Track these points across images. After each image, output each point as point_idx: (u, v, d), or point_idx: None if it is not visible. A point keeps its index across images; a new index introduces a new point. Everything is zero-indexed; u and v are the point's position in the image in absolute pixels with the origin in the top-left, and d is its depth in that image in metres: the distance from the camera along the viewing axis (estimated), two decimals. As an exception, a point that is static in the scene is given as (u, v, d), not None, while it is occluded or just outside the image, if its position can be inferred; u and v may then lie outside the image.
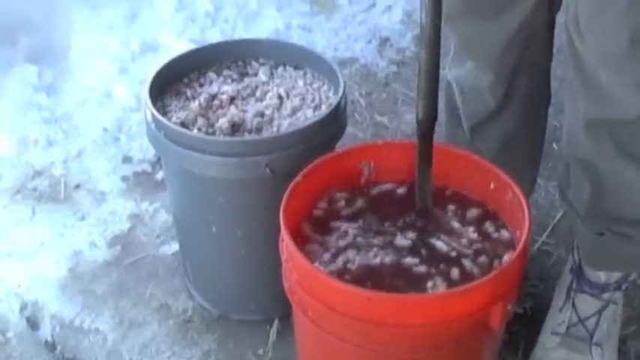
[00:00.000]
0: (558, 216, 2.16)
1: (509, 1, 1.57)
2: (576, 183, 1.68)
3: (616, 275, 1.76)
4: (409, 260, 1.41)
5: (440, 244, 1.44)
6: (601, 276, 1.77)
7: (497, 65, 1.67)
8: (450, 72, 1.80)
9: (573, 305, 1.78)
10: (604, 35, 1.42)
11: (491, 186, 1.50)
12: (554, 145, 2.33)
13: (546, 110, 1.86)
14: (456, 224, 1.49)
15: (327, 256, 1.42)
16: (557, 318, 1.80)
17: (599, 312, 1.77)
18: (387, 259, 1.41)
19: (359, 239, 1.45)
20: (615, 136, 1.54)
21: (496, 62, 1.66)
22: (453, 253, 1.43)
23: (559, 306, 1.81)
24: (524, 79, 1.71)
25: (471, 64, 1.70)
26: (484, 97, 1.72)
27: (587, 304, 1.77)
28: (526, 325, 1.84)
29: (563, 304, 1.80)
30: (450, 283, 1.38)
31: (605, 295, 1.77)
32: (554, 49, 1.75)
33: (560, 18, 1.64)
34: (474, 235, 1.47)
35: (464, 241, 1.45)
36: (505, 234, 1.47)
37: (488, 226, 1.49)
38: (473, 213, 1.51)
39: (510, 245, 1.45)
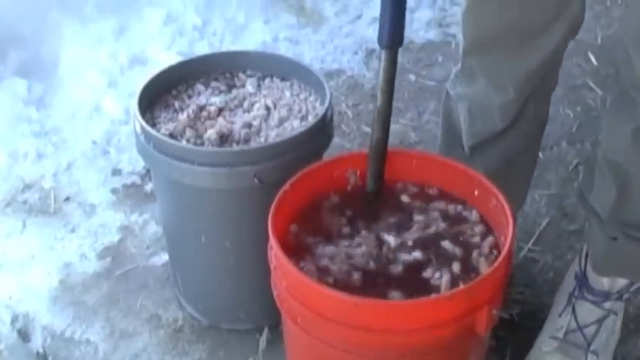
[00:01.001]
0: (544, 223, 2.18)
1: (539, 32, 1.58)
2: (602, 186, 1.69)
3: (619, 284, 1.78)
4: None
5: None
6: (604, 284, 1.78)
7: (517, 89, 1.66)
8: (453, 89, 1.77)
9: (573, 311, 1.80)
10: None
11: (476, 193, 1.52)
12: (540, 154, 2.35)
13: (543, 131, 1.88)
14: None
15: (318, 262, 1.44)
16: (556, 323, 1.81)
17: (600, 321, 1.78)
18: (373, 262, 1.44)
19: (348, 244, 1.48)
20: None
21: (517, 87, 1.66)
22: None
23: (559, 311, 1.82)
24: (533, 104, 1.72)
25: (483, 83, 1.68)
26: (492, 117, 1.71)
27: (587, 311, 1.79)
28: (513, 331, 1.86)
29: (563, 309, 1.82)
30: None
31: (607, 305, 1.79)
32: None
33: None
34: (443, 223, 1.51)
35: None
36: (475, 214, 1.51)
37: (455, 207, 1.53)
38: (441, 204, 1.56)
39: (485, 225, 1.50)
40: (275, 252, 1.38)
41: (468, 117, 1.75)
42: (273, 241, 1.38)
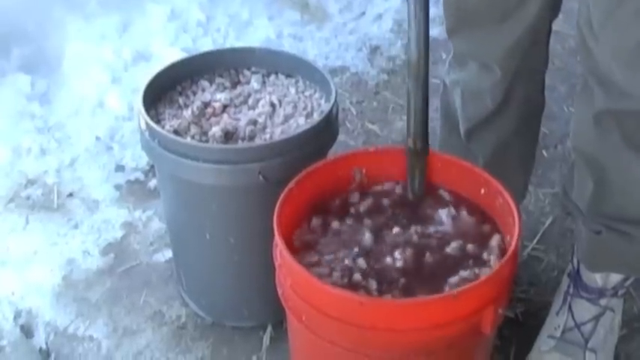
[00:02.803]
0: (548, 222, 2.18)
1: (515, 7, 1.60)
2: (580, 180, 1.70)
3: (613, 280, 1.78)
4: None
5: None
6: (597, 280, 1.78)
7: (502, 67, 1.69)
8: (448, 76, 1.82)
9: (570, 310, 1.79)
10: (617, 34, 1.46)
11: (482, 191, 1.51)
12: (544, 152, 2.35)
13: (540, 117, 1.89)
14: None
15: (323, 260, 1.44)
16: (554, 322, 1.81)
17: (596, 318, 1.78)
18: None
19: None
20: (623, 127, 1.57)
21: (500, 64, 1.68)
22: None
23: (556, 310, 1.82)
24: (522, 84, 1.73)
25: (473, 66, 1.71)
26: (483, 98, 1.73)
27: (583, 309, 1.79)
28: (517, 330, 1.86)
29: (559, 308, 1.81)
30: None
31: (602, 301, 1.79)
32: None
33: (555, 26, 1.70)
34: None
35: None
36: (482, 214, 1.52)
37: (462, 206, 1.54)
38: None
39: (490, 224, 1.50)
40: (280, 250, 1.38)
41: (461, 101, 1.78)
42: (278, 239, 1.38)
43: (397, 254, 1.43)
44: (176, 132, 1.70)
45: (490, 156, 1.79)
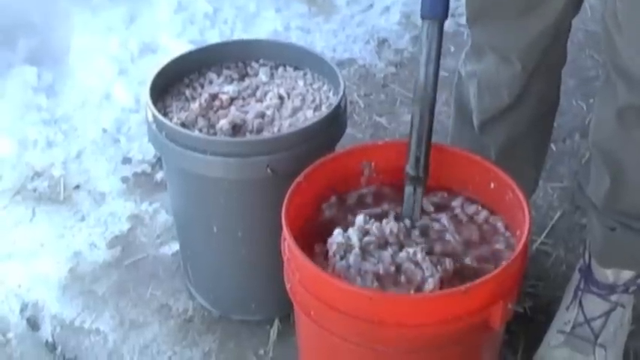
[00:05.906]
0: (557, 216, 2.17)
1: (540, 1, 1.59)
2: (597, 175, 1.69)
3: (624, 277, 1.77)
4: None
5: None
6: (609, 276, 1.77)
7: (522, 61, 1.67)
8: (464, 67, 1.80)
9: (580, 305, 1.79)
10: None
11: (492, 186, 1.50)
12: (553, 146, 2.34)
13: (554, 114, 1.88)
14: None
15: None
16: (564, 317, 1.81)
17: (607, 314, 1.77)
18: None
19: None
20: None
21: (520, 58, 1.67)
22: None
23: (566, 305, 1.82)
24: (539, 80, 1.72)
25: (491, 58, 1.70)
26: (500, 91, 1.72)
27: (594, 304, 1.78)
28: (525, 325, 1.85)
29: (570, 303, 1.81)
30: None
31: (613, 297, 1.78)
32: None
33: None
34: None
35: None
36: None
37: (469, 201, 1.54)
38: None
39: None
40: (288, 244, 1.37)
41: (478, 93, 1.76)
42: (286, 233, 1.37)
43: (407, 250, 1.42)
44: (183, 125, 1.69)
45: (502, 149, 1.78)
